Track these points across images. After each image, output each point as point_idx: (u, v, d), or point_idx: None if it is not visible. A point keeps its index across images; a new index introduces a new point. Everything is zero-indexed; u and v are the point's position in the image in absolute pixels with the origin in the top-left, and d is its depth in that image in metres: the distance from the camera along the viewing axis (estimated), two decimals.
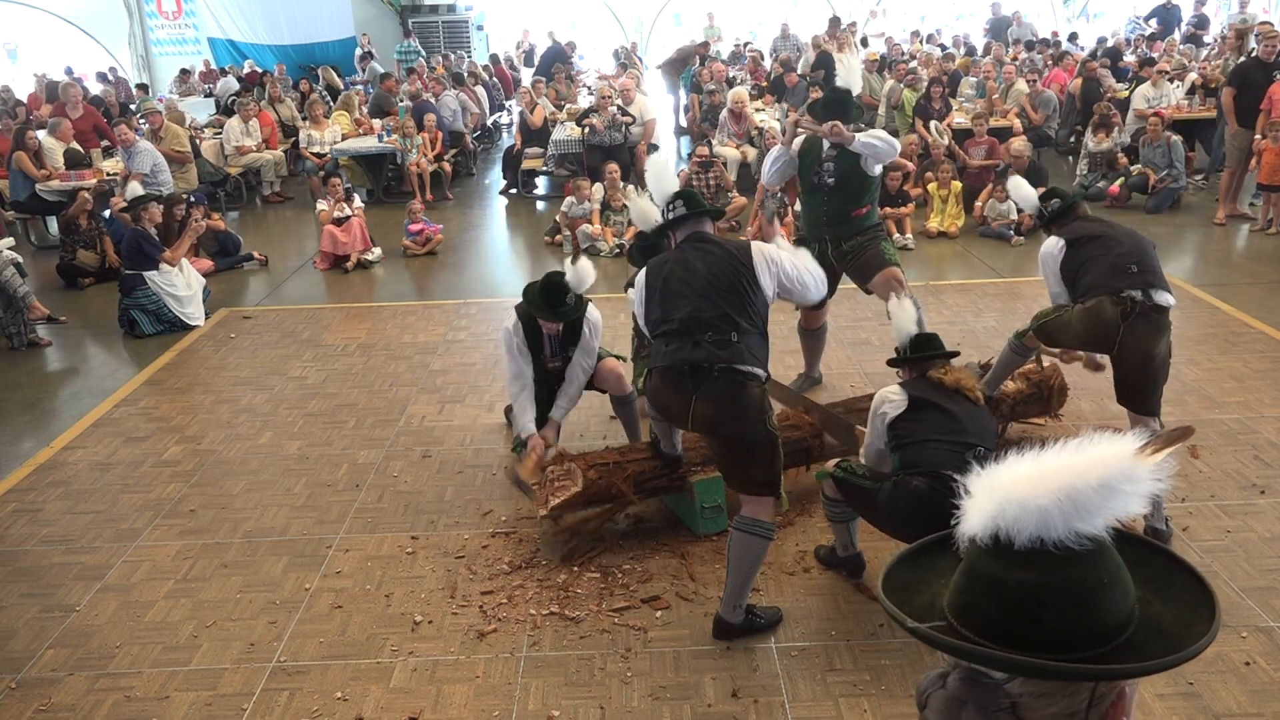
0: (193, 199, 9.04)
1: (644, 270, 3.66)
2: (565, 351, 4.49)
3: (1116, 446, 1.15)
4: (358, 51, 18.44)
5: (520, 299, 4.46)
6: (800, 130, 5.25)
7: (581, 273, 4.36)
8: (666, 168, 4.01)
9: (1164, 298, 3.95)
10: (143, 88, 16.15)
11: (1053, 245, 4.23)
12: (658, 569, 4.00)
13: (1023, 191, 4.63)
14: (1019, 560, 1.13)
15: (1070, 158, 11.89)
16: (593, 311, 4.51)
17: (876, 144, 4.95)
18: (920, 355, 3.65)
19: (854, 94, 5.11)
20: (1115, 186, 9.58)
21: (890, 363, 3.84)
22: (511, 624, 3.68)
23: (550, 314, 4.31)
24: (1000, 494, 1.16)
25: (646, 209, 4.18)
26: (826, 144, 5.04)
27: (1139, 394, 4.04)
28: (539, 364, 4.49)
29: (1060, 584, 1.12)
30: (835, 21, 15.64)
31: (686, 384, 3.38)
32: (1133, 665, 1.13)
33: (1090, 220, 4.32)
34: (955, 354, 3.73)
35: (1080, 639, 1.13)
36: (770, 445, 3.42)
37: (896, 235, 8.56)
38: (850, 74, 5.18)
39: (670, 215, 3.69)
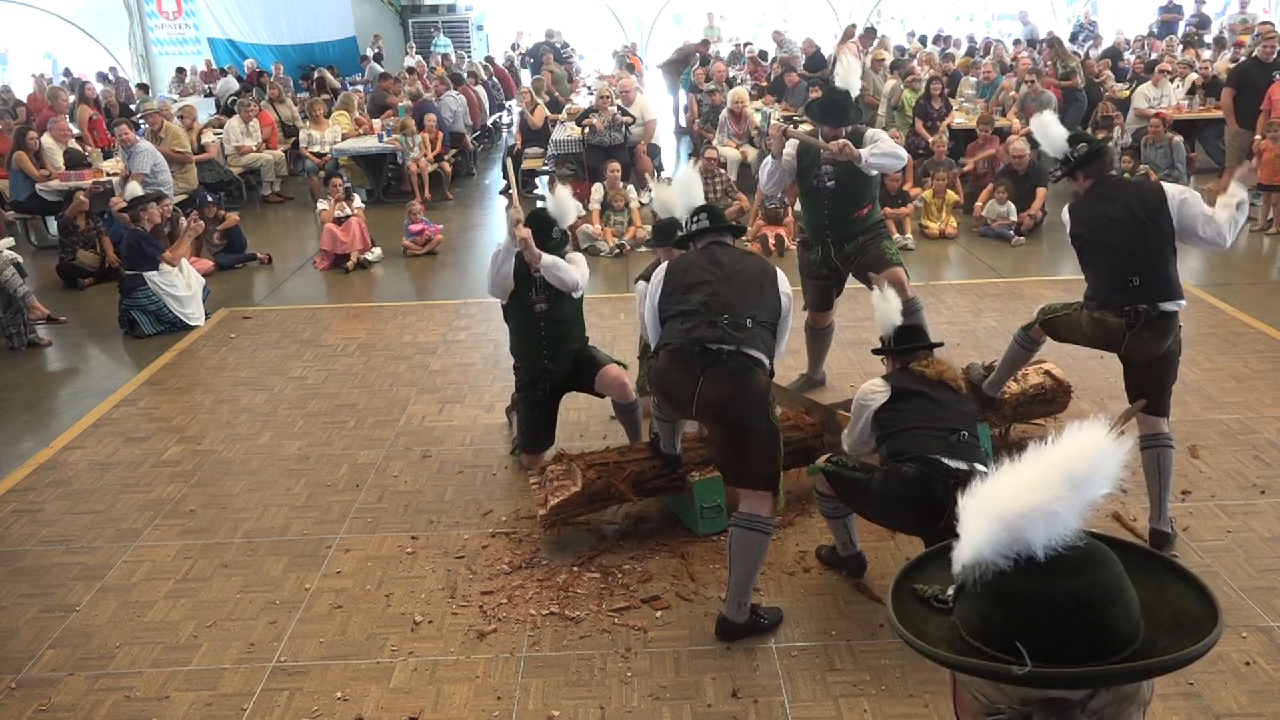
0: (209, 198, 9.08)
1: (665, 264, 3.75)
2: (550, 292, 4.50)
3: (1090, 433, 1.15)
4: (369, 51, 18.43)
5: None
6: (789, 138, 5.12)
7: (562, 201, 4.50)
8: (694, 181, 4.11)
9: (1170, 306, 3.83)
10: (143, 88, 16.15)
11: (1066, 220, 4.05)
12: (658, 569, 4.00)
13: (1050, 132, 4.25)
14: (1054, 572, 1.10)
15: None
16: (577, 254, 4.64)
17: (886, 160, 4.90)
18: (904, 347, 3.71)
19: (853, 95, 5.02)
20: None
21: (875, 351, 3.92)
22: (511, 624, 3.68)
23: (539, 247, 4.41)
24: (1007, 512, 1.14)
25: (667, 197, 4.25)
26: (827, 154, 4.89)
27: (1148, 394, 4.00)
28: (525, 303, 4.52)
29: (1104, 582, 1.11)
30: (871, 33, 15.38)
31: (695, 365, 3.41)
32: (1198, 646, 1.11)
33: (1104, 197, 3.94)
34: (938, 345, 3.78)
35: (1133, 632, 1.12)
36: (772, 438, 3.45)
37: (896, 235, 8.55)
38: (849, 74, 5.08)
39: (694, 227, 3.79)
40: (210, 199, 9.12)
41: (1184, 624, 1.16)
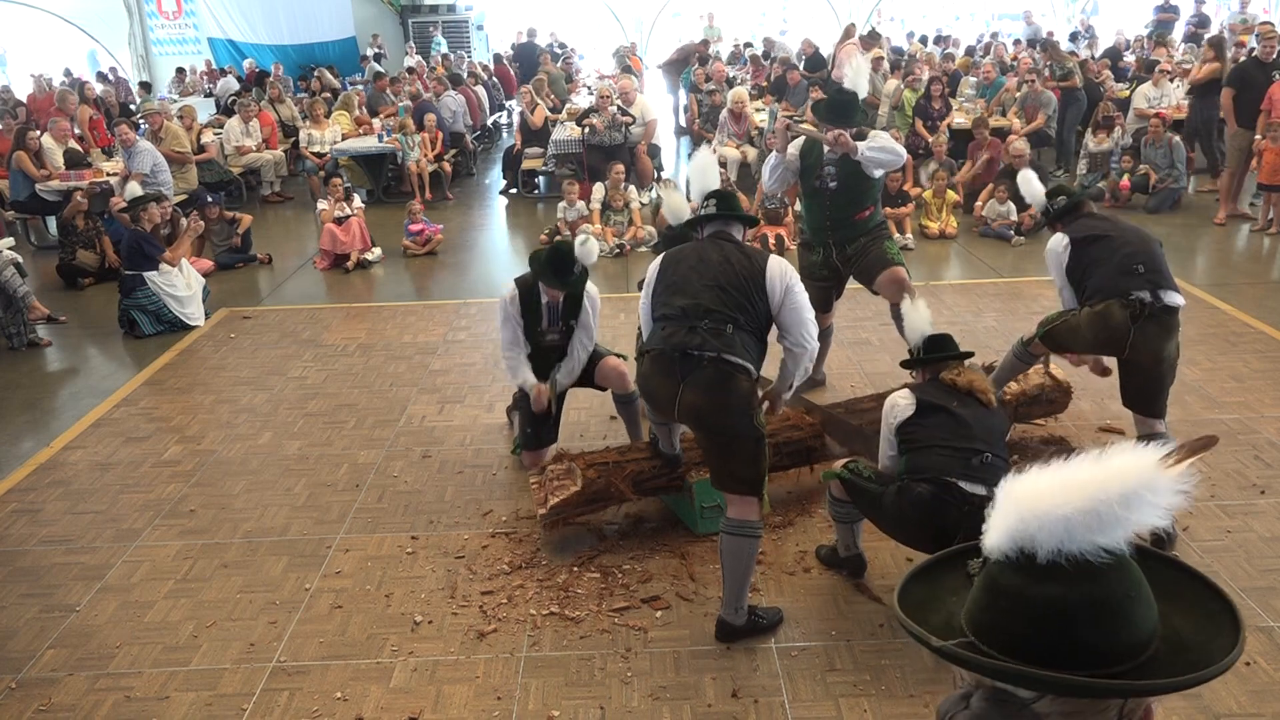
0: (209, 199, 9.09)
1: (660, 256, 3.68)
2: (563, 324, 4.51)
3: (1139, 457, 1.13)
4: (370, 51, 18.43)
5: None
6: (793, 134, 5.15)
7: (588, 248, 4.46)
8: (711, 165, 4.02)
9: (1173, 298, 3.89)
10: (145, 86, 16.14)
11: (1058, 243, 4.15)
12: (658, 569, 3.99)
13: (1032, 186, 4.52)
14: (1043, 574, 1.11)
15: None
16: (593, 288, 4.57)
17: (883, 156, 4.86)
18: (933, 356, 3.61)
19: (860, 97, 5.02)
20: (1126, 181, 9.62)
21: (904, 364, 3.82)
22: (511, 624, 3.68)
23: (557, 282, 4.39)
24: (1022, 507, 1.14)
25: (678, 203, 4.20)
26: (826, 149, 4.95)
27: (1147, 396, 4.00)
28: (536, 336, 4.53)
29: (1087, 598, 1.10)
30: (875, 36, 15.33)
31: (675, 370, 3.38)
32: (1171, 680, 1.11)
33: (1096, 218, 4.21)
34: (969, 355, 3.69)
35: (1111, 654, 1.11)
36: (755, 442, 3.39)
37: (896, 235, 8.55)
38: (858, 76, 5.07)
39: (702, 212, 3.71)
40: (210, 199, 9.13)
41: (1200, 663, 1.15)
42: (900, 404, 3.45)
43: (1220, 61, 10.24)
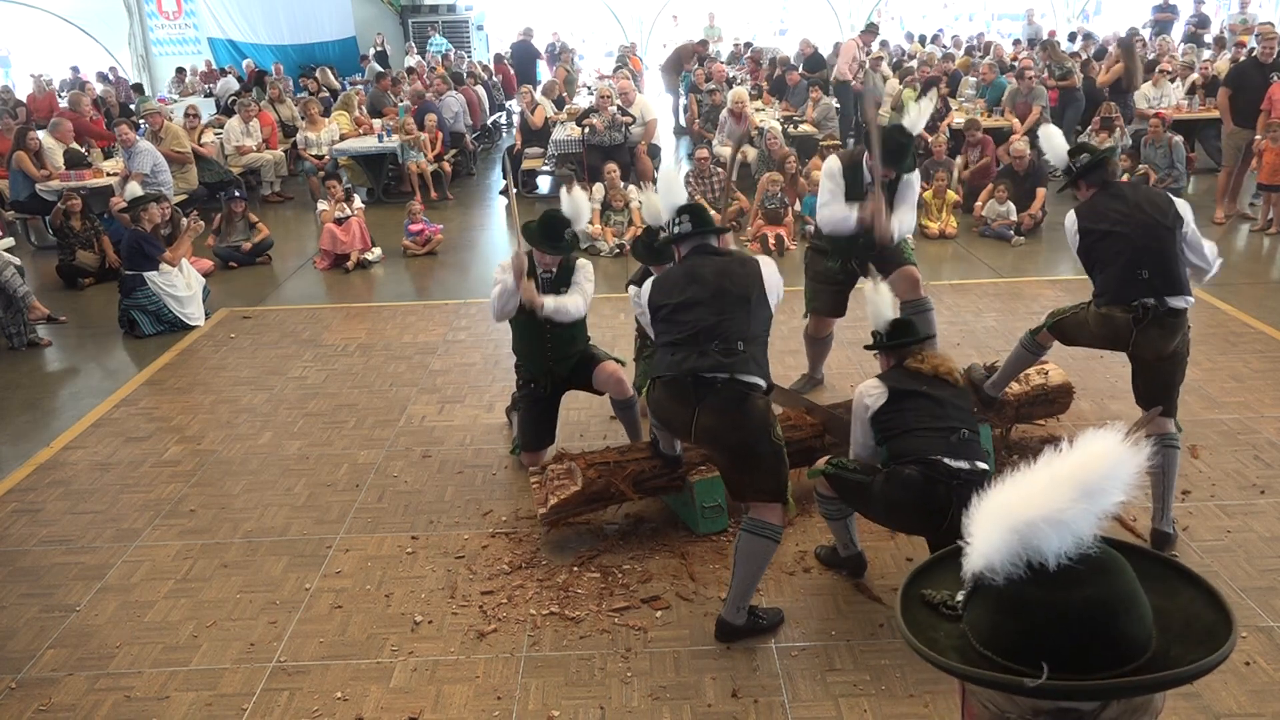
0: (236, 193, 9.13)
1: (650, 281, 3.68)
2: (555, 295, 4.51)
3: (1105, 440, 1.13)
4: (372, 51, 18.43)
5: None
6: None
7: (578, 202, 4.52)
8: (676, 180, 4.03)
9: (1178, 301, 3.82)
10: (138, 88, 16.11)
11: (1071, 225, 4.03)
12: (658, 569, 3.99)
13: (1054, 142, 4.37)
14: (1062, 579, 1.09)
15: None
16: (584, 260, 4.65)
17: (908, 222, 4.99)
18: (897, 341, 3.66)
19: (914, 138, 4.89)
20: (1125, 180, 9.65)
21: (867, 348, 3.87)
22: (511, 624, 3.68)
23: (550, 247, 4.45)
24: (1013, 520, 1.12)
25: (655, 204, 4.19)
26: (868, 177, 4.84)
27: (1155, 394, 3.98)
28: (530, 313, 4.49)
29: (1116, 591, 1.09)
30: (873, 28, 15.25)
31: (689, 396, 3.38)
32: (1214, 656, 1.09)
33: (1113, 196, 3.97)
34: (930, 338, 3.73)
35: (1146, 641, 1.10)
36: (775, 455, 3.41)
37: None
38: (919, 119, 4.95)
39: (676, 230, 3.69)
40: (238, 194, 9.16)
41: (1195, 631, 1.14)
42: (872, 394, 3.52)
43: (1127, 62, 10.42)
